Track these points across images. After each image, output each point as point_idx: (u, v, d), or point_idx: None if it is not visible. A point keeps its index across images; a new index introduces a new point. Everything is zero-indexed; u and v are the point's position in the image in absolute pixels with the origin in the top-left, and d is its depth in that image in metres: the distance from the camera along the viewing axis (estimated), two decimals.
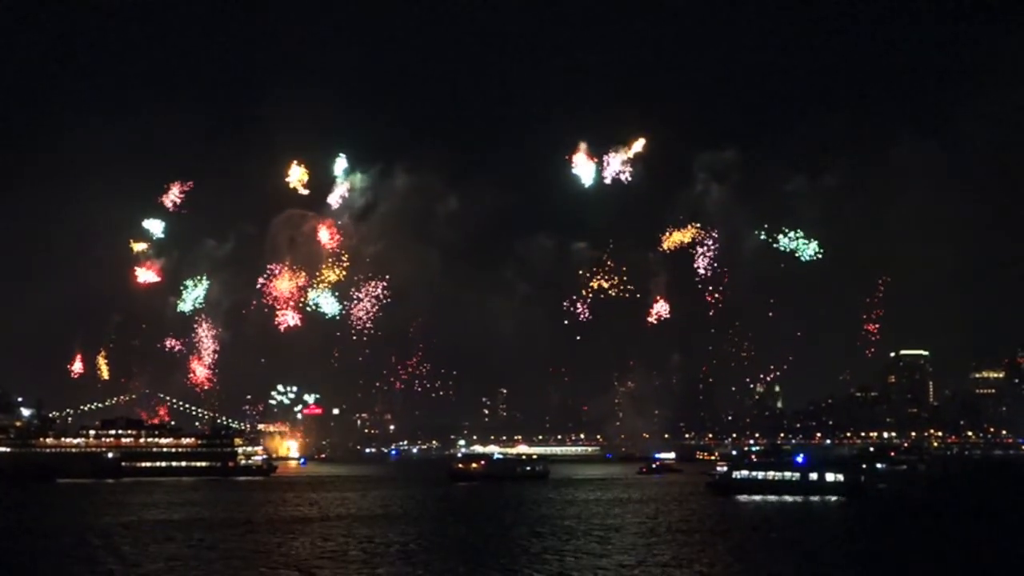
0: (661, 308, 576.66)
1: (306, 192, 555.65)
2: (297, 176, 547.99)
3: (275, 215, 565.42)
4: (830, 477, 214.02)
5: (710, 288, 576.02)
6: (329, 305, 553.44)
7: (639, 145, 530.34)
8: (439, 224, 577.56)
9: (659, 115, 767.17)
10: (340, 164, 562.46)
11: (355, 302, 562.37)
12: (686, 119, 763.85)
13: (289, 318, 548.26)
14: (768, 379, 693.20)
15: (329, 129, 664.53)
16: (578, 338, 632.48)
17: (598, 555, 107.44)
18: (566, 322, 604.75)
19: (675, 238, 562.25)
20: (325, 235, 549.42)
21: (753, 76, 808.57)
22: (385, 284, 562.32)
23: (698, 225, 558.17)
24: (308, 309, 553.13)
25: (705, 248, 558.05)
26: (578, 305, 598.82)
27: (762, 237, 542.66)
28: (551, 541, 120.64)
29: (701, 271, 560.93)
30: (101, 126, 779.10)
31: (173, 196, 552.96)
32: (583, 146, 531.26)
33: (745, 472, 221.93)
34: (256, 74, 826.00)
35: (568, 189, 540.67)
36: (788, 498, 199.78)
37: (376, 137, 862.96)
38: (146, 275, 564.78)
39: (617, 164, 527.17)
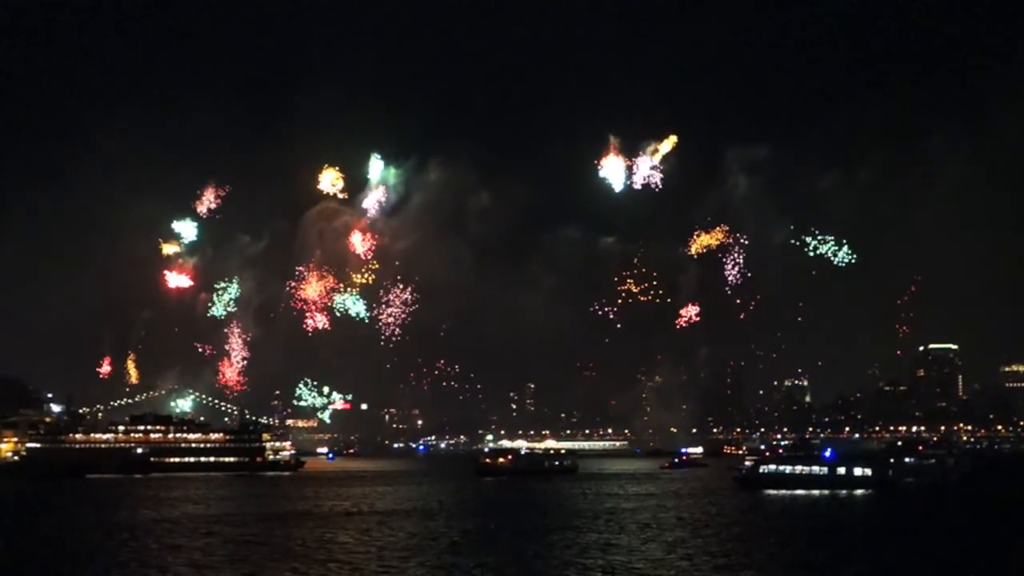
0: (691, 311, 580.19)
1: (340, 192, 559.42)
2: (330, 180, 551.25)
3: (308, 212, 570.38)
4: (858, 471, 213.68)
5: (739, 289, 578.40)
6: (357, 308, 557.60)
7: (669, 143, 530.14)
8: (469, 219, 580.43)
9: (690, 111, 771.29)
10: (376, 166, 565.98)
11: (383, 306, 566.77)
12: (717, 115, 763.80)
13: (317, 321, 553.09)
14: (800, 373, 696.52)
15: (362, 127, 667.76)
16: (607, 340, 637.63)
17: (636, 549, 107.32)
18: (595, 323, 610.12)
19: (703, 241, 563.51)
20: (357, 239, 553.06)
21: (785, 72, 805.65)
22: (413, 287, 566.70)
23: (727, 228, 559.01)
24: (337, 314, 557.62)
25: (734, 252, 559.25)
26: (608, 309, 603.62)
27: (792, 241, 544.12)
28: (591, 535, 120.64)
29: (730, 276, 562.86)
30: (136, 124, 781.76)
31: (208, 202, 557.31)
32: (613, 145, 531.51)
33: (772, 466, 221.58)
34: (290, 71, 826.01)
35: (598, 189, 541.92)
36: (815, 492, 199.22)
37: (409, 134, 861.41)
38: (177, 279, 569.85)
39: (647, 168, 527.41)
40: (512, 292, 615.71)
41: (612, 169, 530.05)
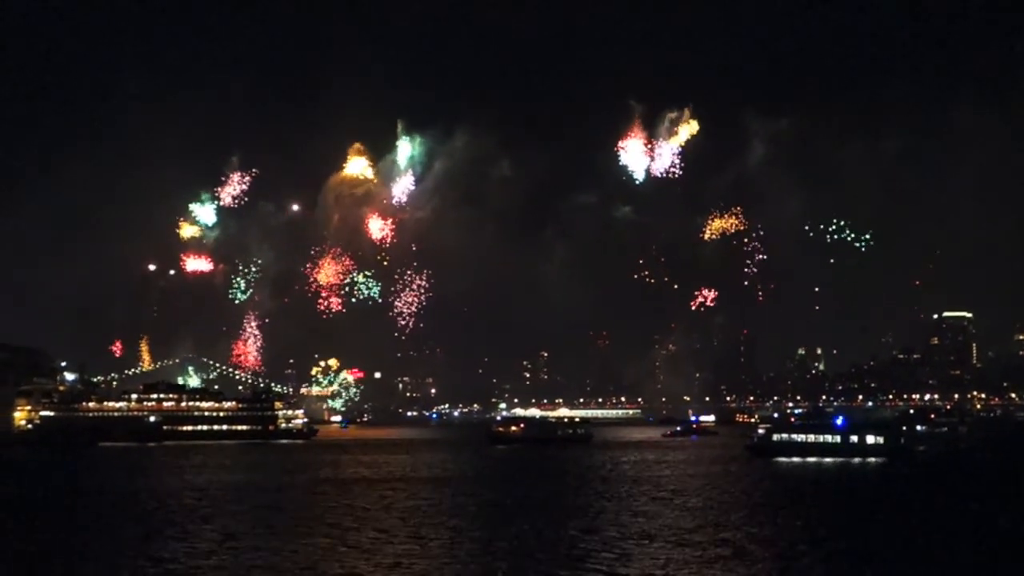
0: (707, 294, 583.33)
1: (369, 177, 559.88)
2: (361, 166, 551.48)
3: (330, 186, 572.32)
4: (870, 439, 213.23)
5: (755, 267, 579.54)
6: (372, 291, 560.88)
7: (690, 129, 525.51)
8: (489, 189, 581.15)
9: (711, 82, 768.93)
10: (404, 149, 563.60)
11: (398, 291, 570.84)
12: (738, 86, 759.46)
13: (332, 304, 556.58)
14: (813, 341, 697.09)
15: (388, 99, 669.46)
16: (621, 310, 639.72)
17: (664, 517, 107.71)
18: (609, 294, 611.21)
19: (718, 225, 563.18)
20: (375, 224, 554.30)
21: (808, 41, 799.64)
22: (428, 271, 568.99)
23: (741, 209, 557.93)
24: (352, 299, 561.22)
25: (750, 235, 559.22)
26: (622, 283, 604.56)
27: (809, 218, 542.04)
28: (622, 502, 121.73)
29: (747, 261, 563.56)
30: (165, 96, 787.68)
31: (233, 186, 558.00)
32: (636, 122, 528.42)
33: (785, 435, 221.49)
34: (318, 45, 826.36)
35: (619, 171, 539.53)
36: (827, 460, 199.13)
37: (433, 104, 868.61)
38: (196, 263, 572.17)
39: (668, 155, 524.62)
40: (527, 261, 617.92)
41: (633, 153, 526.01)
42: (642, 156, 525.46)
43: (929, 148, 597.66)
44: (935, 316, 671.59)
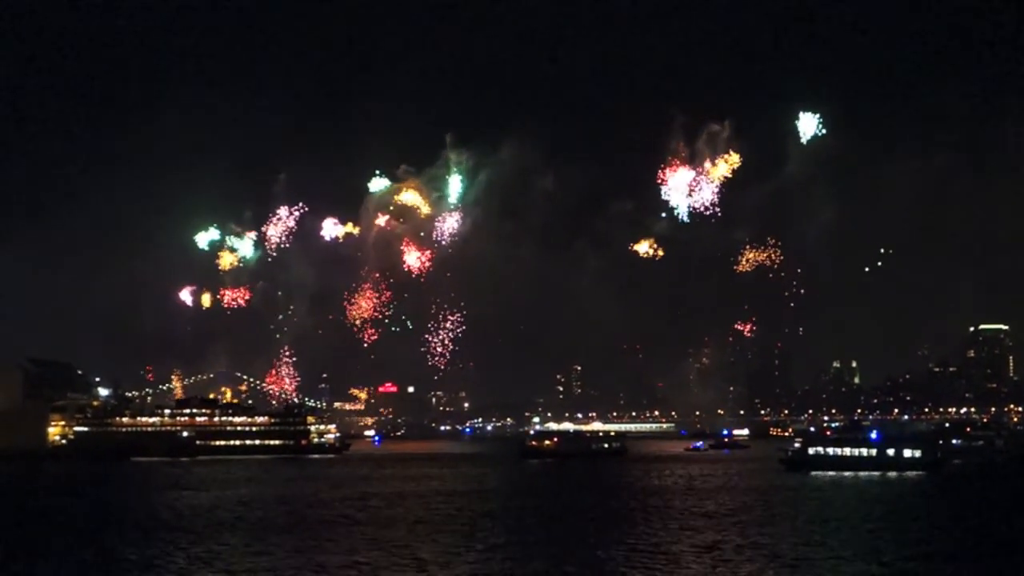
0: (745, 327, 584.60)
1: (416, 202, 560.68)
2: (413, 199, 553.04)
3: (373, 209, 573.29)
4: (907, 453, 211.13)
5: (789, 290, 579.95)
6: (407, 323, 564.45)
7: (728, 166, 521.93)
8: (530, 201, 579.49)
9: (752, 91, 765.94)
10: (454, 183, 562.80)
11: (434, 328, 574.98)
12: (781, 96, 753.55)
13: (368, 336, 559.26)
14: (848, 354, 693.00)
15: (434, 114, 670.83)
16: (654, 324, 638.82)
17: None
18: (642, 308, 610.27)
19: (753, 256, 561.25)
20: (412, 257, 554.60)
21: (854, 50, 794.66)
22: (463, 303, 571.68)
23: (776, 241, 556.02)
24: (392, 329, 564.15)
25: (788, 271, 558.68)
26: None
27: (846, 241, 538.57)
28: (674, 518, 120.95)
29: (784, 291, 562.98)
30: (205, 115, 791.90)
31: (276, 229, 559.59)
32: (678, 152, 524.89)
33: (820, 448, 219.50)
34: (360, 59, 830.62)
35: (660, 204, 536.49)
36: (863, 474, 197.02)
37: (479, 117, 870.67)
38: (235, 295, 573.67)
39: (708, 192, 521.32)
40: (561, 274, 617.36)
41: (676, 186, 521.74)
42: (684, 189, 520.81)
43: (970, 161, 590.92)
44: (971, 329, 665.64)
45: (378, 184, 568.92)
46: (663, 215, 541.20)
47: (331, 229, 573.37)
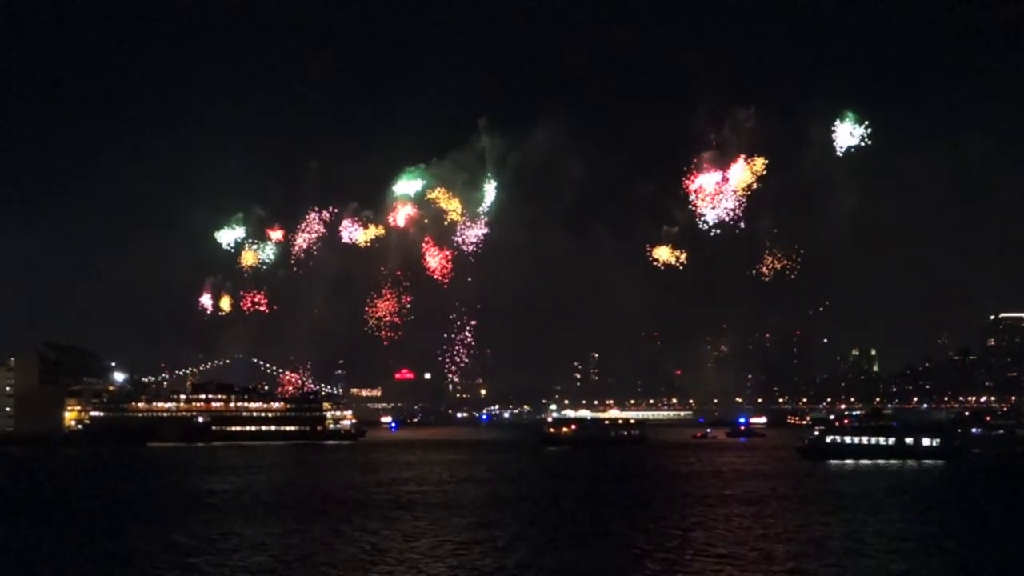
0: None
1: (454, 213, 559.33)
2: (448, 205, 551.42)
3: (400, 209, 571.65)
4: (926, 442, 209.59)
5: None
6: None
7: (751, 170, 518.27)
8: (556, 187, 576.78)
9: (779, 80, 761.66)
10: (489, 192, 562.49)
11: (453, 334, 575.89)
12: (808, 88, 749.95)
13: (386, 337, 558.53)
14: (867, 342, 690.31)
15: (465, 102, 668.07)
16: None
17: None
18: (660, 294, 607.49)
19: (772, 263, 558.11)
20: (435, 259, 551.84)
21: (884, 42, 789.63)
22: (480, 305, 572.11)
23: (799, 247, 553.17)
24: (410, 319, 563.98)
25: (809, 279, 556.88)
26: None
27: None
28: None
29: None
30: (234, 105, 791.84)
31: (305, 236, 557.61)
32: (705, 159, 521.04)
33: (838, 436, 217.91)
34: (392, 51, 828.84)
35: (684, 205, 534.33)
36: (881, 462, 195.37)
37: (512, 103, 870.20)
38: (254, 302, 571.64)
39: (731, 200, 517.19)
40: (580, 262, 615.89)
41: (702, 190, 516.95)
42: (710, 196, 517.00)
43: (998, 151, 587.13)
44: (991, 317, 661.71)
45: (404, 186, 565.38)
46: (684, 228, 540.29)
47: (355, 232, 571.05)
